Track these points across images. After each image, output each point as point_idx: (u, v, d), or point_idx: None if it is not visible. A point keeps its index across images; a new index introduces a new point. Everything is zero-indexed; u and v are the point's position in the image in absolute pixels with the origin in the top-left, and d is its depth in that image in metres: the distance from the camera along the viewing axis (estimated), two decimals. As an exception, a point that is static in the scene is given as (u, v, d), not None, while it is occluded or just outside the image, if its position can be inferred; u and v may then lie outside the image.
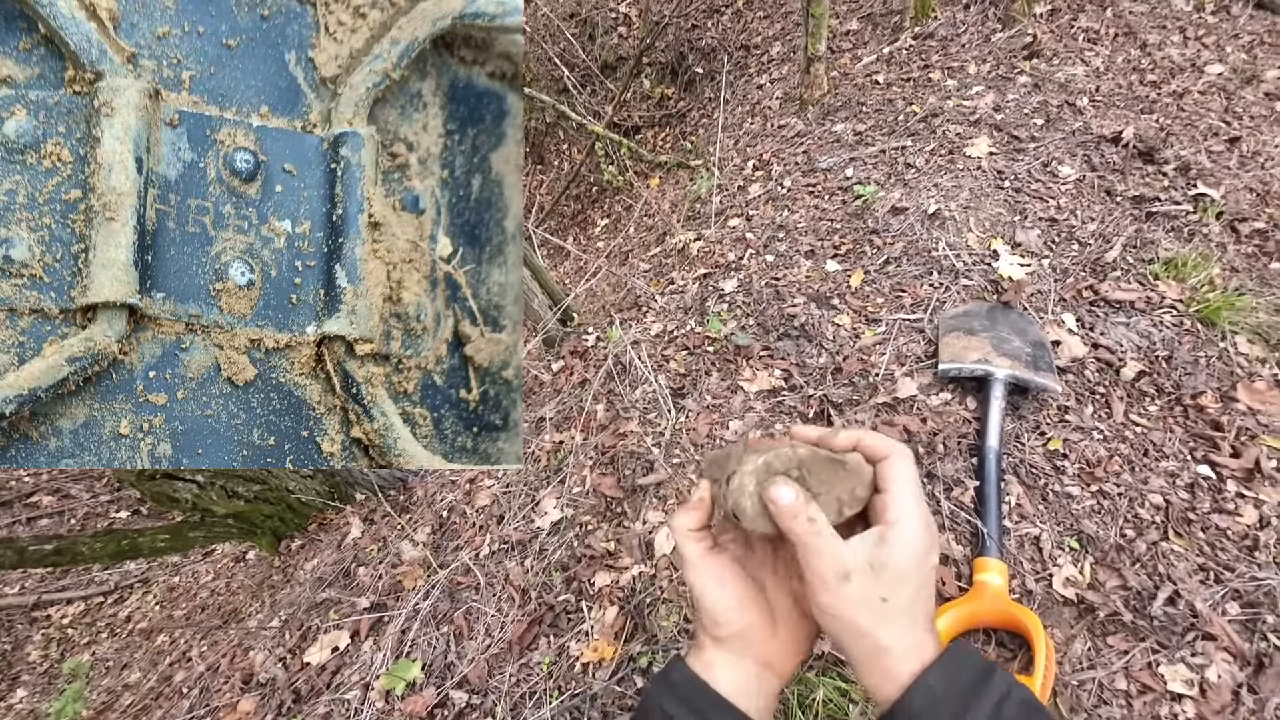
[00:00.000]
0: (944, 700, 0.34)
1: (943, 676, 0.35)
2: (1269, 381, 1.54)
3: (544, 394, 2.39)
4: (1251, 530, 1.31)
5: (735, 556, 0.45)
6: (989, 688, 0.34)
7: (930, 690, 0.34)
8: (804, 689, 1.21)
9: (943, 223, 2.05)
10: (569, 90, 4.86)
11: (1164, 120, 2.31)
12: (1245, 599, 1.22)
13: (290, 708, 1.55)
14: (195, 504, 2.39)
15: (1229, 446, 1.42)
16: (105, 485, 4.86)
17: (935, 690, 0.34)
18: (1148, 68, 2.63)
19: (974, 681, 0.35)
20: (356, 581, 1.92)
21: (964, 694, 0.34)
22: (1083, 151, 2.20)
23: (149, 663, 2.83)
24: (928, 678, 0.35)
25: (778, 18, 4.33)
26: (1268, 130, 2.31)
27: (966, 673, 0.35)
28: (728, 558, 0.45)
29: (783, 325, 1.93)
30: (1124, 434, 1.48)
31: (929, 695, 0.34)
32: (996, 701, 0.34)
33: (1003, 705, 0.34)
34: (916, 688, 0.35)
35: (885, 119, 2.74)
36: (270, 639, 1.86)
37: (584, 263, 4.73)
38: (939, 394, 1.62)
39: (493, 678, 1.41)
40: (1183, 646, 1.19)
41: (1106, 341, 1.63)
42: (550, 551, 1.64)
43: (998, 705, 0.34)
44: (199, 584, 3.56)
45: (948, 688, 0.34)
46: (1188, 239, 1.88)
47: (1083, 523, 1.36)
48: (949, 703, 0.34)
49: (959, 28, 3.08)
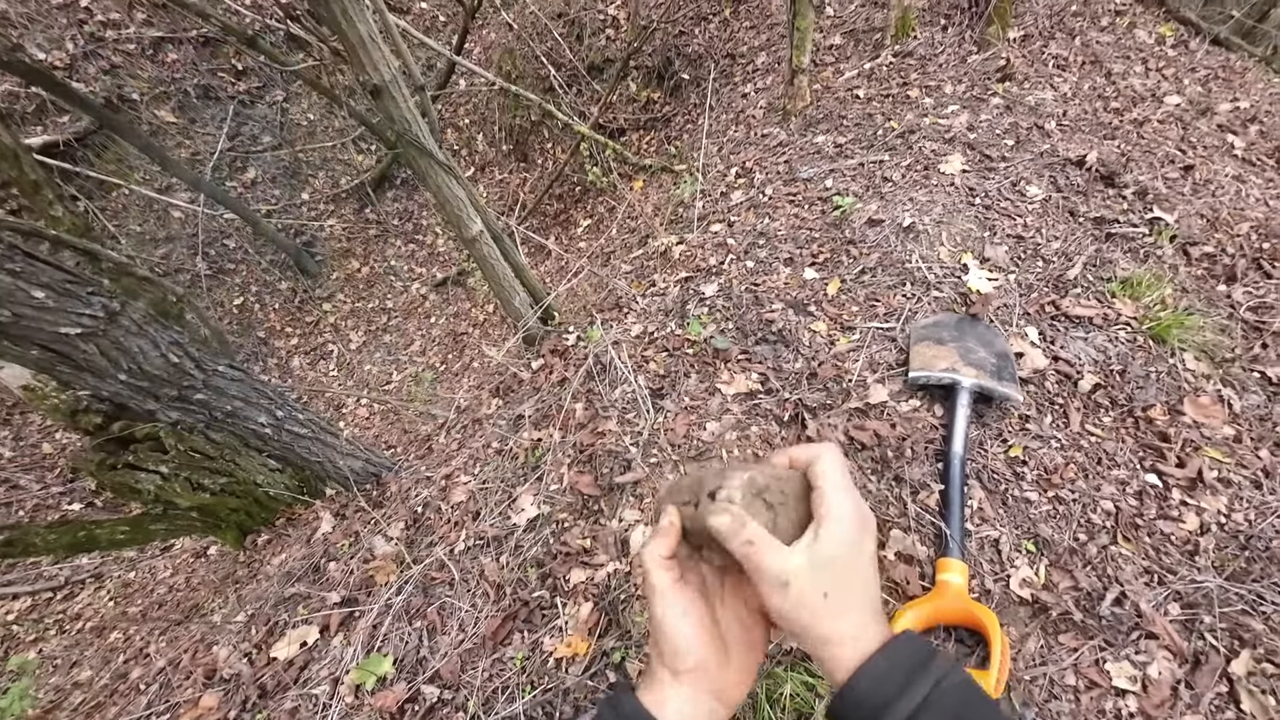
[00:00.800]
0: (886, 681, 0.37)
1: (886, 660, 0.38)
2: (1213, 396, 1.63)
3: (523, 391, 2.39)
4: (1193, 536, 1.39)
5: (698, 587, 0.46)
6: (929, 670, 0.37)
7: (874, 672, 0.37)
8: (772, 683, 1.24)
9: (917, 236, 2.11)
10: (554, 89, 4.86)
11: (1125, 146, 2.43)
12: (1185, 600, 1.30)
13: (255, 703, 1.52)
14: (158, 496, 2.31)
15: (1175, 457, 1.51)
16: (57, 476, 4.66)
17: (879, 671, 0.37)
18: (1112, 95, 2.76)
19: (915, 665, 0.37)
20: (326, 577, 1.90)
21: (906, 675, 0.37)
22: (1049, 173, 2.30)
23: (101, 660, 2.74)
24: (873, 662, 0.37)
25: (763, 29, 4.41)
26: (1219, 160, 2.45)
27: (909, 657, 0.38)
28: (693, 589, 0.45)
29: (761, 330, 1.97)
30: (1080, 443, 1.56)
31: (873, 677, 0.37)
32: (935, 681, 0.37)
33: (941, 683, 0.37)
34: (862, 671, 0.37)
35: (865, 133, 2.81)
36: (235, 634, 1.82)
37: (565, 262, 4.73)
38: (908, 400, 1.68)
39: (465, 673, 1.41)
40: (1128, 645, 1.25)
41: (1066, 355, 1.71)
42: (526, 548, 1.64)
43: (936, 683, 0.36)
44: (156, 580, 3.45)
45: (890, 670, 0.37)
46: (1143, 260, 1.99)
47: (1039, 526, 1.43)
48: (890, 684, 0.37)
49: (937, 48, 3.18)
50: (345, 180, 6.14)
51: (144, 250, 5.24)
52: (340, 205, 6.16)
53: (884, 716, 0.36)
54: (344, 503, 2.39)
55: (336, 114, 6.21)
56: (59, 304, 1.33)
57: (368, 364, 5.41)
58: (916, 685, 0.36)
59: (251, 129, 5.94)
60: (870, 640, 0.39)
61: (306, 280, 5.83)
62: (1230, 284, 1.94)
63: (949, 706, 0.36)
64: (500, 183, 5.84)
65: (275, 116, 6.00)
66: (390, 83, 1.56)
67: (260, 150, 5.89)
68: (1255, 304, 1.87)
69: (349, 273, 5.98)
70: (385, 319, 5.71)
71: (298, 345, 5.61)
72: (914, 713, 0.36)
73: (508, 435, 2.12)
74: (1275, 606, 1.26)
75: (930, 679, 0.37)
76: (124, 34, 5.49)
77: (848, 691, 0.37)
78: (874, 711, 0.36)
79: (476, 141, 6.06)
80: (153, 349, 1.54)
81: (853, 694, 0.37)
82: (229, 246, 5.69)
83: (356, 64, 1.51)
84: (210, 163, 5.57)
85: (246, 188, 5.85)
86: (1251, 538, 1.37)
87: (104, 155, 5.41)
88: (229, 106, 5.82)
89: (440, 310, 5.58)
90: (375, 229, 6.16)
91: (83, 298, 1.37)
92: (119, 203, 5.42)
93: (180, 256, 5.45)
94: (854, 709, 0.37)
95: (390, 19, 1.59)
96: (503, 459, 2.03)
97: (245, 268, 5.72)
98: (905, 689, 0.36)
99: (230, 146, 5.76)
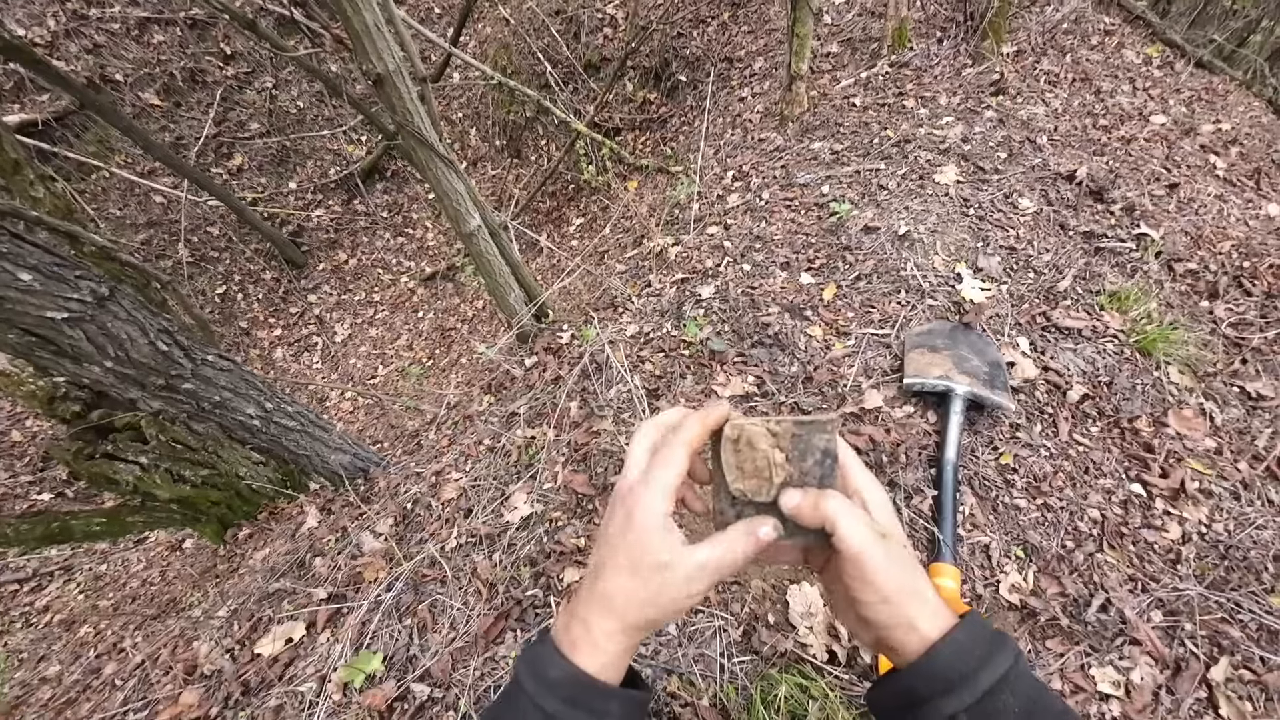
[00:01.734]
0: (967, 654, 0.38)
1: (966, 634, 0.39)
2: (1195, 409, 1.68)
3: (516, 389, 2.38)
4: (1175, 545, 1.43)
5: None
6: (1006, 649, 0.39)
7: (956, 644, 0.38)
8: (766, 685, 1.25)
9: (912, 244, 2.14)
10: (550, 86, 4.84)
11: (1113, 163, 2.49)
12: (1167, 608, 1.33)
13: (239, 700, 1.49)
14: (137, 487, 2.26)
15: (1159, 468, 1.54)
16: (26, 465, 4.52)
17: (960, 644, 0.38)
18: (1101, 113, 2.82)
19: (994, 642, 0.39)
20: (313, 572, 1.86)
21: (986, 650, 0.39)
22: (1041, 186, 2.34)
23: (70, 655, 2.66)
24: (955, 635, 0.39)
25: (762, 34, 4.43)
26: (1201, 180, 2.51)
27: (986, 634, 0.40)
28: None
29: (757, 333, 1.98)
30: (1068, 452, 1.59)
31: (955, 648, 0.38)
32: (1013, 660, 0.38)
33: (1018, 664, 0.38)
34: (946, 642, 0.38)
35: (861, 140, 2.84)
36: (217, 630, 1.78)
37: (558, 259, 4.71)
38: (903, 407, 1.70)
39: (456, 671, 1.40)
40: (1112, 650, 1.28)
41: (1056, 365, 1.74)
42: (519, 546, 1.63)
43: (1014, 663, 0.38)
44: (129, 573, 3.37)
45: (971, 644, 0.39)
46: (1130, 274, 2.03)
47: (1028, 533, 1.45)
48: (971, 658, 0.38)
49: (933, 60, 3.23)
50: (334, 170, 6.04)
51: (124, 235, 5.11)
52: (329, 195, 6.06)
53: (962, 687, 0.37)
54: (330, 497, 2.35)
55: (328, 103, 6.11)
56: (46, 287, 1.29)
57: (353, 357, 5.33)
58: (996, 661, 0.38)
59: (239, 115, 5.82)
60: (945, 611, 0.40)
61: (292, 271, 5.73)
62: (1212, 300, 1.99)
63: (1024, 689, 0.37)
64: (493, 178, 5.79)
65: (264, 103, 5.89)
66: (394, 73, 1.54)
67: (248, 137, 5.77)
68: (1236, 320, 1.92)
69: (336, 264, 5.89)
70: (372, 312, 5.64)
71: (281, 336, 5.50)
72: (994, 686, 0.37)
73: (500, 432, 2.10)
74: (1252, 615, 1.30)
75: (1008, 658, 0.38)
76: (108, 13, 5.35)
77: (927, 661, 0.38)
78: (949, 684, 0.37)
79: (469, 135, 6.00)
80: (141, 336, 1.50)
81: (932, 664, 0.38)
82: (212, 234, 5.57)
83: (360, 53, 1.49)
84: (195, 148, 5.45)
85: (232, 175, 5.73)
86: (1231, 547, 1.41)
87: (84, 136, 5.26)
88: (216, 91, 5.70)
89: (429, 304, 5.52)
90: (364, 220, 6.08)
91: (71, 282, 1.33)
92: (98, 185, 5.28)
93: (161, 243, 5.33)
94: (929, 680, 0.38)
95: (395, 9, 1.57)
96: (495, 456, 2.01)
97: (229, 256, 5.60)
98: (986, 662, 0.38)
99: (216, 132, 5.64)
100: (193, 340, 1.70)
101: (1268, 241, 2.21)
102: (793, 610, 1.36)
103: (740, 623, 1.36)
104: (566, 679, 0.40)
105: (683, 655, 1.31)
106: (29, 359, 1.53)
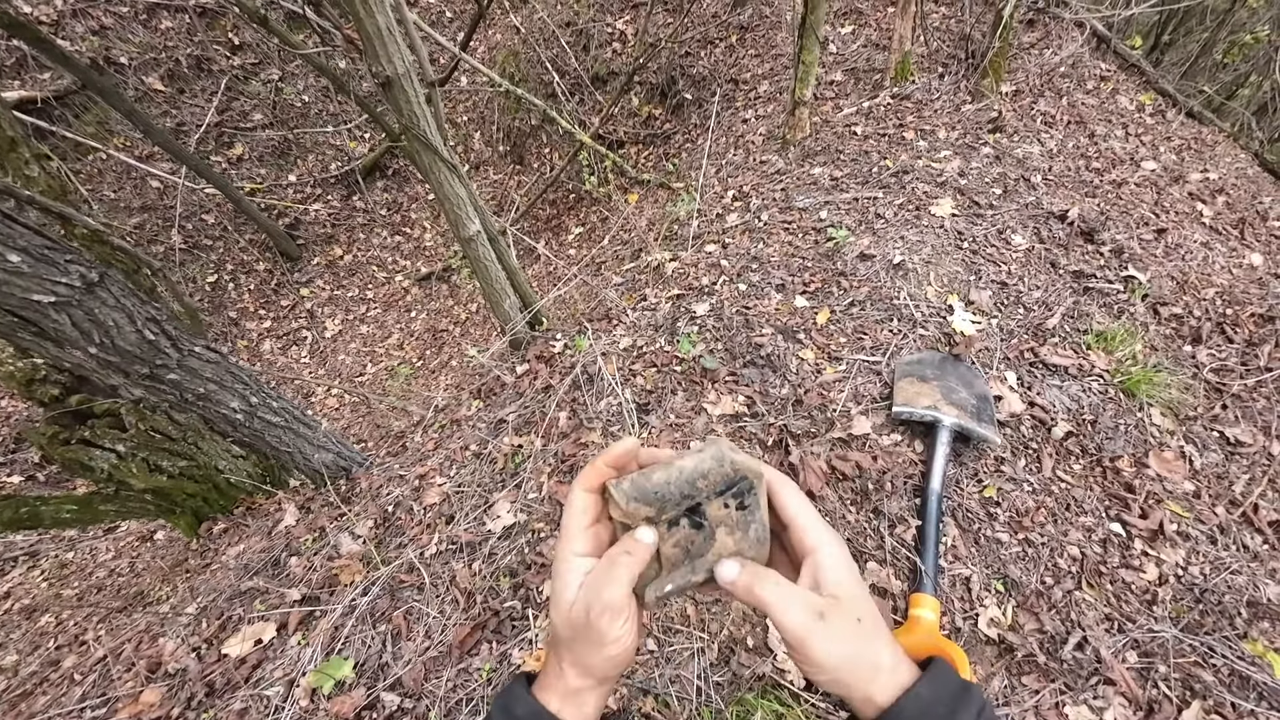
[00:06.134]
0: (931, 709, 0.38)
1: (929, 688, 0.39)
2: (1175, 452, 1.70)
3: (505, 395, 2.37)
4: (1152, 586, 1.44)
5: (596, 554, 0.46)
6: (970, 699, 0.39)
7: (920, 699, 0.38)
8: (742, 710, 1.24)
9: (906, 273, 2.17)
10: (557, 96, 4.88)
11: (1104, 205, 2.54)
12: (1143, 649, 1.34)
13: (202, 701, 1.45)
14: (111, 475, 2.21)
15: (1139, 508, 1.56)
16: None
17: (924, 698, 0.38)
18: (1094, 155, 2.89)
19: (958, 693, 0.39)
20: (287, 572, 1.83)
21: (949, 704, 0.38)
22: (1033, 224, 2.39)
23: (29, 645, 2.59)
24: (917, 689, 0.39)
25: (768, 58, 4.51)
26: (1188, 226, 2.57)
27: (951, 686, 0.39)
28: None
29: (750, 353, 1.99)
30: (1050, 488, 1.61)
31: (918, 704, 0.38)
32: (977, 712, 0.38)
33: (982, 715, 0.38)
34: (908, 698, 0.38)
35: (860, 169, 2.88)
36: (184, 626, 1.74)
37: (554, 267, 4.72)
38: (890, 434, 1.71)
39: (429, 681, 1.37)
40: (1086, 689, 1.29)
41: (1042, 401, 1.77)
42: (500, 556, 1.61)
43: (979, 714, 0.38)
44: (97, 562, 3.28)
45: (934, 699, 0.38)
46: (1117, 315, 2.07)
47: (1009, 567, 1.46)
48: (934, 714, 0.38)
49: (933, 94, 3.29)
50: (336, 166, 6.03)
51: (117, 218, 5.05)
52: (328, 190, 6.04)
53: None
54: (309, 495, 2.32)
55: (333, 98, 6.11)
56: (34, 270, 1.27)
57: (342, 353, 5.28)
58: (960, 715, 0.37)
59: (242, 105, 5.80)
60: (904, 669, 0.40)
61: (286, 263, 5.69)
62: (1195, 345, 2.03)
63: None
64: (494, 183, 5.80)
65: (269, 95, 5.88)
66: (403, 76, 1.55)
67: (250, 128, 5.75)
68: (1217, 366, 1.96)
69: (330, 259, 5.86)
70: (364, 309, 5.60)
71: (270, 329, 5.45)
72: None
73: (487, 439, 2.09)
74: (1225, 660, 1.31)
75: (973, 709, 0.38)
76: (117, -5, 5.34)
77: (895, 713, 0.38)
78: None
79: (473, 140, 6.03)
80: (128, 324, 1.48)
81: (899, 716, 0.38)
82: (207, 222, 5.53)
83: (371, 54, 1.49)
84: (196, 135, 5.42)
85: (232, 164, 5.70)
86: (1206, 591, 1.42)
87: (83, 117, 5.22)
88: (221, 80, 5.68)
89: (422, 305, 5.49)
90: (362, 217, 6.06)
91: (60, 265, 1.31)
92: (95, 166, 5.23)
93: (154, 228, 5.27)
94: None
95: (408, 13, 1.58)
96: (481, 463, 1.99)
97: (222, 245, 5.55)
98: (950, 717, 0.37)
99: (219, 121, 5.62)
100: (180, 330, 1.68)
101: (1250, 290, 2.26)
102: (772, 634, 1.36)
103: (719, 644, 1.35)
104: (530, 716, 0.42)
105: (659, 676, 1.30)
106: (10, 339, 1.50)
